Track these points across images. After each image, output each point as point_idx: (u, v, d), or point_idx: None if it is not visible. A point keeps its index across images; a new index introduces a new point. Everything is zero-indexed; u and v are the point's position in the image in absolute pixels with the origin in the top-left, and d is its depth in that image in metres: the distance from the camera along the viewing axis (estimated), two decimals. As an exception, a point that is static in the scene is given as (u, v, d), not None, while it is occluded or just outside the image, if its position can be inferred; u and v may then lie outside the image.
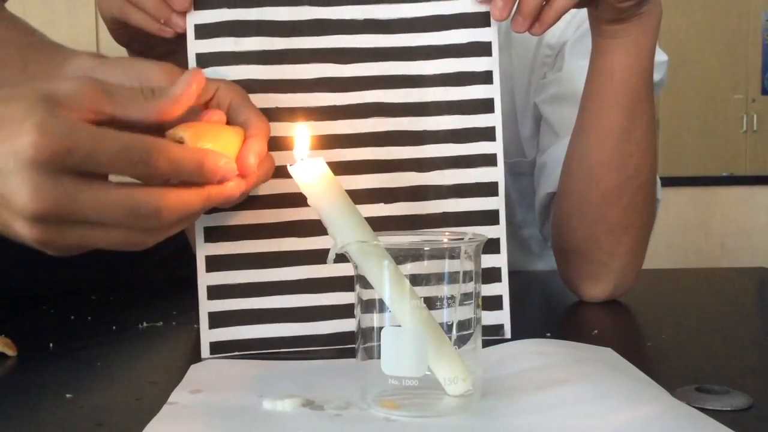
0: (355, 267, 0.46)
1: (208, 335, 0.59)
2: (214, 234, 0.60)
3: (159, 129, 0.51)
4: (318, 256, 0.59)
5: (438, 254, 0.45)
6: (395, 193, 0.61)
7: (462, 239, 0.46)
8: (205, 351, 0.59)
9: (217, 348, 0.59)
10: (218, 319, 0.59)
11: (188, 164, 0.48)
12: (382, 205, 0.61)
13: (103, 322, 0.70)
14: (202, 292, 0.59)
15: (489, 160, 0.62)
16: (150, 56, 0.70)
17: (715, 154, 4.24)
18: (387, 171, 0.61)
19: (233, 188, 0.52)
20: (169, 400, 0.46)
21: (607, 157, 0.73)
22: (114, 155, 0.45)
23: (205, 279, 0.59)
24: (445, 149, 0.62)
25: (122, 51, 0.71)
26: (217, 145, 0.51)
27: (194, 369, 0.53)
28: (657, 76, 0.84)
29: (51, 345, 0.61)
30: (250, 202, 0.59)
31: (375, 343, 0.44)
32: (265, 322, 0.59)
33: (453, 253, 0.45)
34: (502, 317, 0.62)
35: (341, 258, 0.46)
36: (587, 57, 0.74)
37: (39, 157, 0.43)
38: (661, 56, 0.86)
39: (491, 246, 0.62)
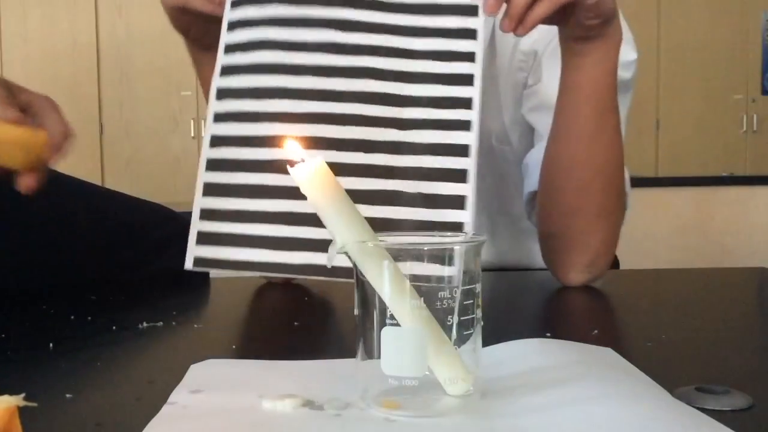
0: (355, 266, 0.46)
1: (194, 250, 0.69)
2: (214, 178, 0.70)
3: None
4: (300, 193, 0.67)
5: (438, 254, 0.45)
6: (372, 170, 0.69)
7: (462, 239, 0.46)
8: (188, 263, 0.68)
9: (200, 263, 0.68)
10: (205, 239, 0.68)
11: None
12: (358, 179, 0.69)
13: (103, 322, 0.70)
14: (195, 214, 0.68)
15: (464, 125, 0.70)
16: (203, 44, 0.83)
17: (715, 154, 4.25)
18: (370, 148, 0.70)
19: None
20: (169, 400, 0.46)
21: (578, 157, 0.84)
22: None
23: (199, 203, 0.68)
24: (425, 114, 0.70)
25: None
26: None
27: (194, 369, 0.53)
28: (627, 74, 0.95)
29: (51, 345, 0.61)
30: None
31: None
32: (245, 246, 0.67)
33: (453, 253, 0.45)
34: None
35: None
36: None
37: None
38: (630, 55, 0.95)
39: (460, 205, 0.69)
